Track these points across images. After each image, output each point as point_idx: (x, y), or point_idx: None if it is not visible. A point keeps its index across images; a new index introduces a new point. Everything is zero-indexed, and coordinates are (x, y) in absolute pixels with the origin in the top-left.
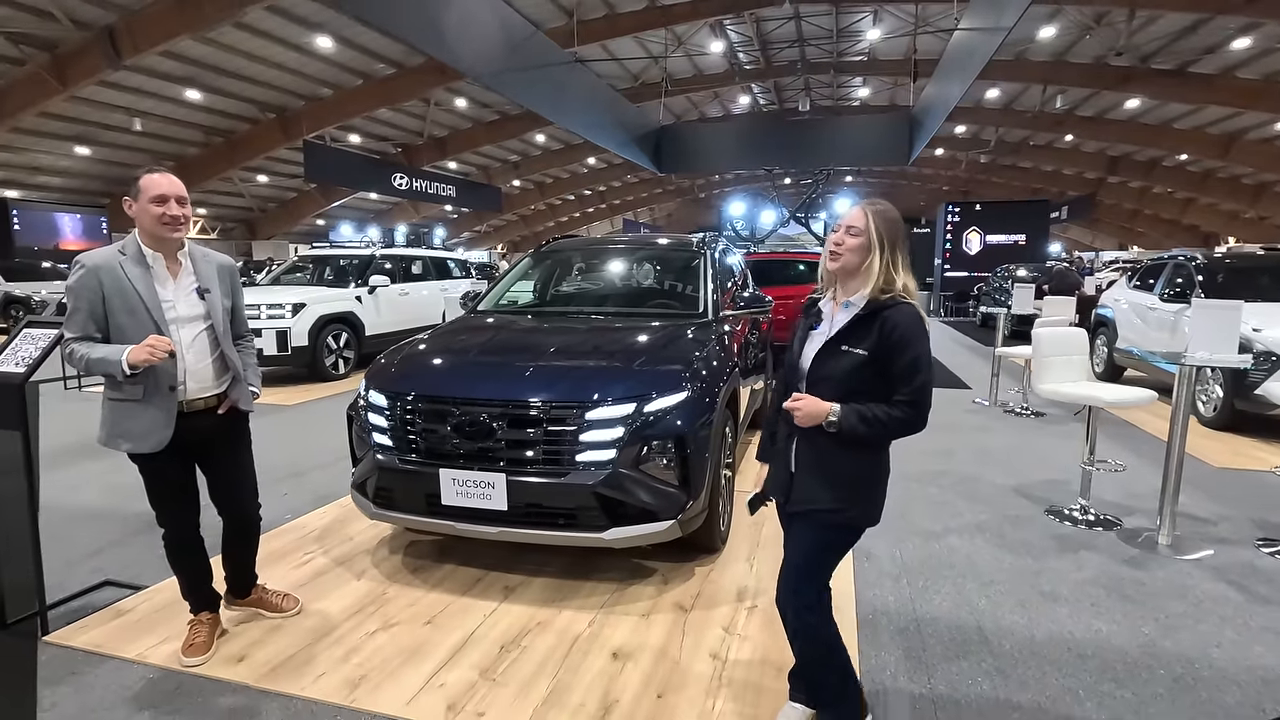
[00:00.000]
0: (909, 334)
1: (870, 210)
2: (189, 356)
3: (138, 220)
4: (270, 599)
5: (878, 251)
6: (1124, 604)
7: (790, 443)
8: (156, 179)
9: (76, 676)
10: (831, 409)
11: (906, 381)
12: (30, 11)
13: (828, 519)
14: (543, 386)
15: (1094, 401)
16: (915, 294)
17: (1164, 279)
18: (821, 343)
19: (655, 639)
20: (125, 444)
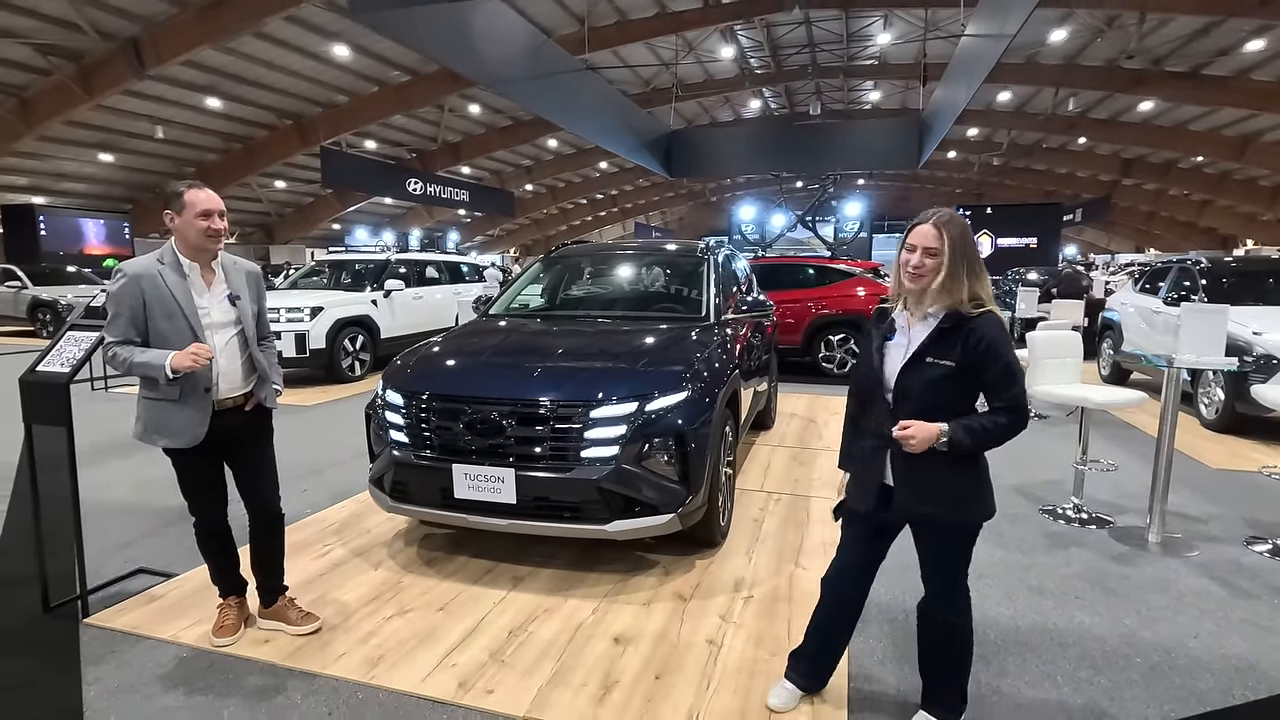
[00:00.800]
0: (998, 343)
1: (944, 227)
2: (221, 360)
3: (180, 233)
4: (292, 614)
5: (956, 268)
6: (1107, 597)
7: (879, 454)
8: (202, 196)
9: (116, 655)
10: (941, 430)
11: (1004, 389)
12: (58, 23)
13: (947, 524)
14: (550, 386)
15: (1084, 403)
16: (993, 301)
17: (1169, 283)
18: (902, 355)
19: (655, 625)
20: (162, 439)
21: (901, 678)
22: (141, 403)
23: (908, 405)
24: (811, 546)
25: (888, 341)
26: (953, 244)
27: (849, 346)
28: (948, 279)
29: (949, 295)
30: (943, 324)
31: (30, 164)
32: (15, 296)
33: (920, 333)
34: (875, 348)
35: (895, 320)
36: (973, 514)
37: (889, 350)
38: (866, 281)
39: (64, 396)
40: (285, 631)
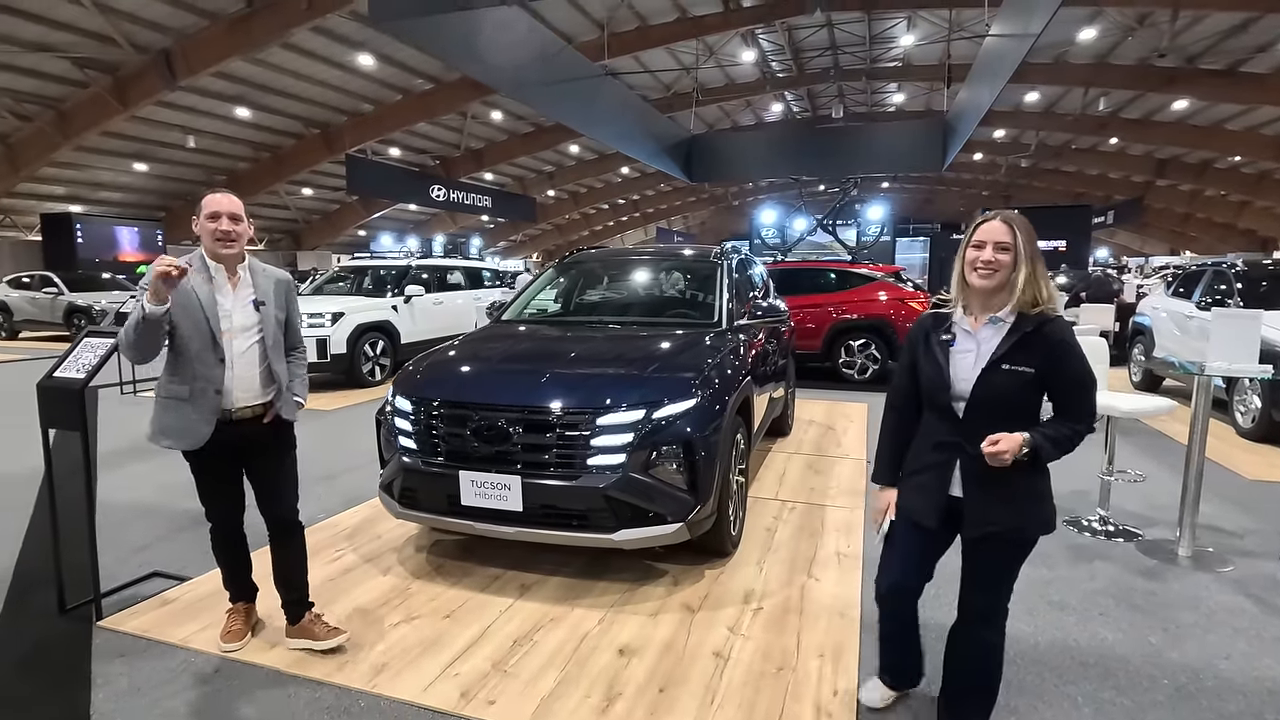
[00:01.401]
0: (1073, 347)
1: (1015, 223)
2: (238, 364)
3: (201, 236)
4: (319, 629)
5: (1028, 265)
6: (1132, 614)
7: (947, 466)
8: (214, 197)
9: (126, 658)
10: (1024, 439)
11: (1080, 395)
12: (95, 37)
13: (1014, 537)
14: (557, 393)
15: (1110, 411)
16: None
17: (1203, 286)
18: (975, 361)
19: (661, 636)
20: (167, 441)
21: (915, 692)
22: (156, 405)
23: (981, 414)
24: (825, 557)
25: (951, 349)
26: (1025, 240)
27: (870, 352)
28: (1029, 275)
29: (1026, 293)
30: (1021, 327)
31: (69, 174)
32: (52, 302)
33: (989, 337)
34: (939, 356)
35: (956, 325)
36: (1040, 525)
37: (955, 357)
38: (888, 286)
39: (79, 402)
40: (313, 648)
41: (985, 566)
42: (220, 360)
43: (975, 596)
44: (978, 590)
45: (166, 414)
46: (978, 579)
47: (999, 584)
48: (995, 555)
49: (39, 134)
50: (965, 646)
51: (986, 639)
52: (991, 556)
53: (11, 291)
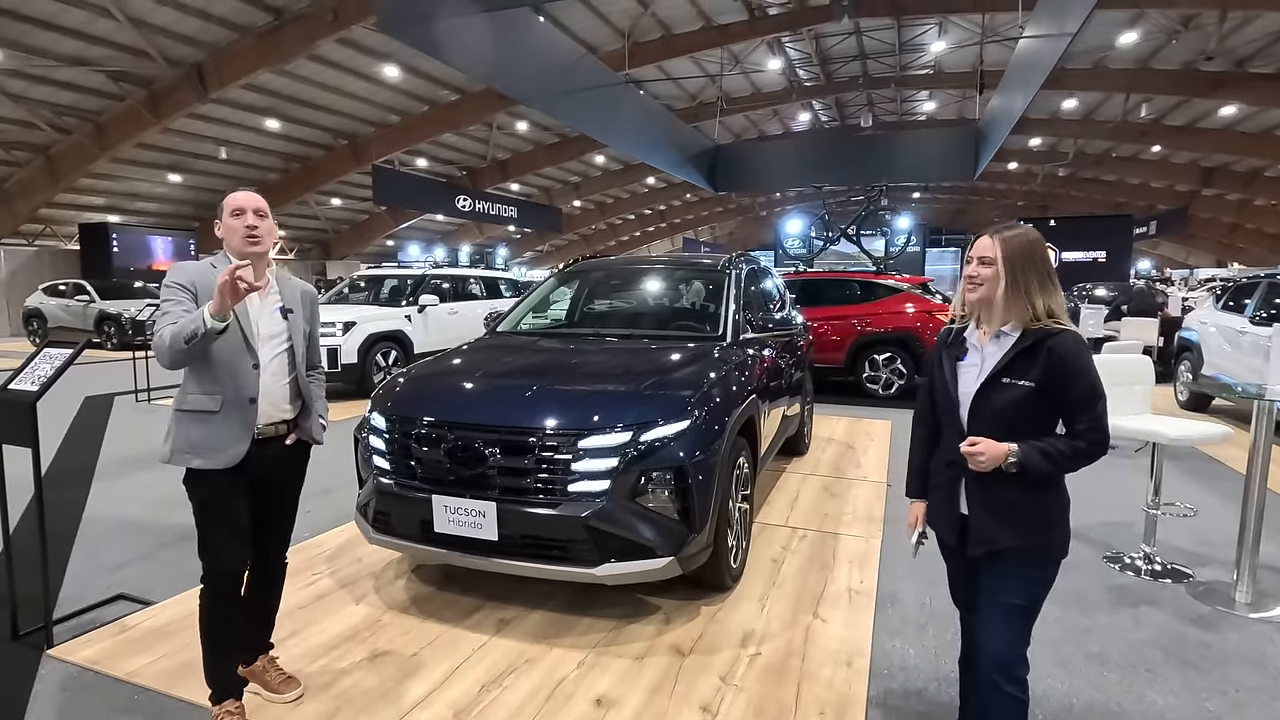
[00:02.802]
0: (1079, 362)
1: (998, 238)
2: (265, 375)
3: (225, 237)
4: (271, 676)
5: (1011, 279)
6: (1185, 671)
7: (956, 481)
8: (236, 195)
9: (67, 693)
10: (1010, 449)
11: (1085, 410)
12: (130, 51)
13: (1021, 557)
14: (538, 412)
15: (1155, 437)
16: (1067, 317)
17: (1257, 299)
18: (977, 375)
19: (644, 686)
20: (196, 459)
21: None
22: (176, 418)
23: (983, 428)
24: (835, 594)
25: (959, 362)
26: (1010, 254)
27: (895, 366)
28: (1008, 289)
29: (1012, 308)
30: (1022, 342)
31: (105, 184)
32: (84, 310)
33: (994, 351)
34: (947, 370)
35: (967, 339)
36: (1045, 545)
37: (961, 371)
38: (915, 298)
39: (30, 416)
40: (260, 695)
41: (994, 593)
42: (255, 366)
43: (988, 636)
44: (991, 626)
45: (193, 428)
46: (990, 612)
47: (1012, 619)
48: (1003, 579)
49: (77, 146)
50: (983, 704)
51: (1006, 694)
52: (999, 581)
53: (46, 299)
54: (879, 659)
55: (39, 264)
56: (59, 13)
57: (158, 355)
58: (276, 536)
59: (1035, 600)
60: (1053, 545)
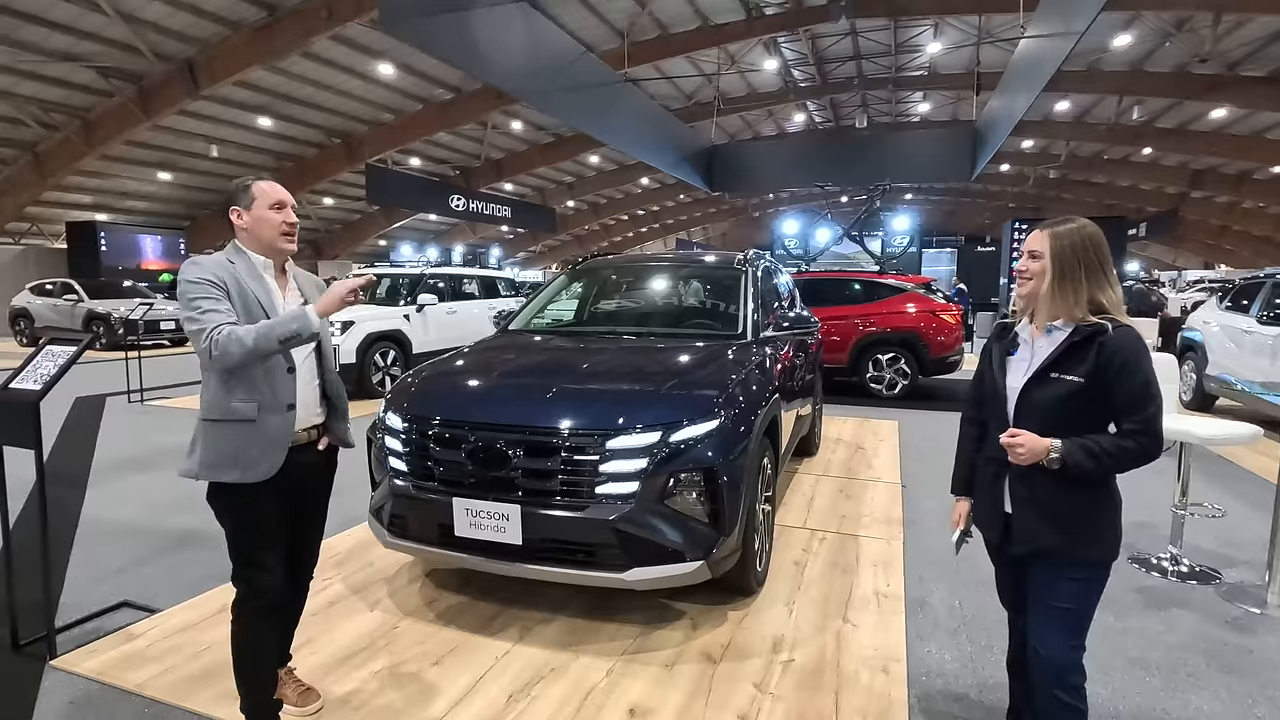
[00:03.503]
0: (1133, 359)
1: (1048, 232)
2: (299, 379)
3: (253, 230)
4: (290, 692)
5: (1061, 273)
6: (1228, 676)
7: (1000, 479)
8: (273, 185)
9: (73, 706)
10: (1052, 445)
11: (1137, 409)
12: (120, 47)
13: (1068, 559)
14: (562, 411)
15: (1186, 437)
16: (1123, 313)
17: (1262, 299)
18: (1026, 370)
19: (677, 695)
20: (233, 473)
21: None
22: (204, 429)
23: (1030, 424)
24: (862, 598)
25: (1009, 357)
26: (1059, 248)
27: (899, 366)
28: (1053, 284)
29: (1060, 302)
30: (1073, 336)
31: (94, 183)
32: (72, 309)
33: (1044, 347)
34: (996, 364)
35: (1019, 334)
36: (1094, 545)
37: (1010, 366)
38: (917, 297)
39: (33, 416)
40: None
41: (1045, 596)
42: (290, 370)
43: (1040, 641)
44: (1043, 630)
45: (227, 440)
46: (1042, 615)
47: (1064, 623)
48: (1052, 582)
49: (65, 143)
50: (1039, 713)
51: (1063, 704)
52: (1049, 583)
53: (34, 298)
54: (915, 665)
55: (25, 263)
56: (48, 7)
57: (223, 354)
58: (309, 547)
59: (1087, 604)
60: (1100, 547)
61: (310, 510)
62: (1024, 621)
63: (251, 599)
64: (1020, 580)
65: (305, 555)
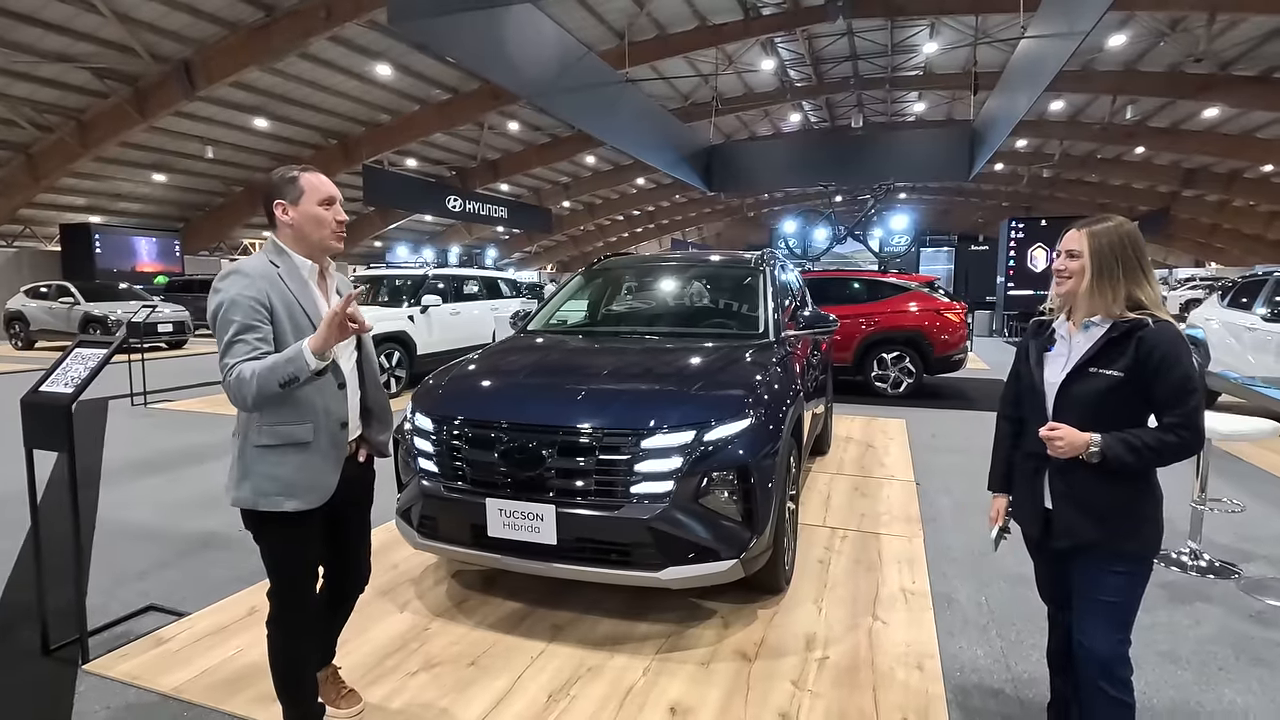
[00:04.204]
0: (1173, 352)
1: (1086, 231)
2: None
3: (300, 227)
4: (331, 690)
5: (1099, 271)
6: (1258, 669)
7: (1039, 474)
8: (322, 178)
9: (110, 712)
10: (1092, 439)
11: (1179, 403)
12: (116, 48)
13: (1109, 552)
14: (595, 411)
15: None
16: (1163, 307)
17: (1264, 296)
18: (1064, 366)
19: (716, 693)
20: (291, 501)
21: None
22: (251, 454)
23: (1069, 419)
24: (889, 595)
25: (1046, 353)
26: (1098, 247)
27: (904, 365)
28: (1092, 282)
29: (1098, 299)
30: (1111, 332)
31: (88, 184)
32: (68, 312)
33: (1082, 342)
34: (1033, 360)
35: (1056, 330)
36: (1135, 539)
37: (1048, 361)
38: (921, 296)
39: (65, 419)
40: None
41: (1089, 590)
42: (341, 385)
43: (1086, 635)
44: (1088, 625)
45: (281, 465)
46: (1087, 610)
47: (1109, 617)
48: (1096, 576)
49: (59, 144)
50: (1087, 708)
51: (1111, 697)
52: (1093, 577)
53: (29, 301)
54: (948, 661)
55: (18, 265)
56: (42, 7)
57: (235, 397)
58: (355, 557)
59: (1132, 597)
60: (1141, 541)
61: (354, 521)
62: (1065, 616)
63: (291, 616)
64: (1061, 575)
65: (353, 566)
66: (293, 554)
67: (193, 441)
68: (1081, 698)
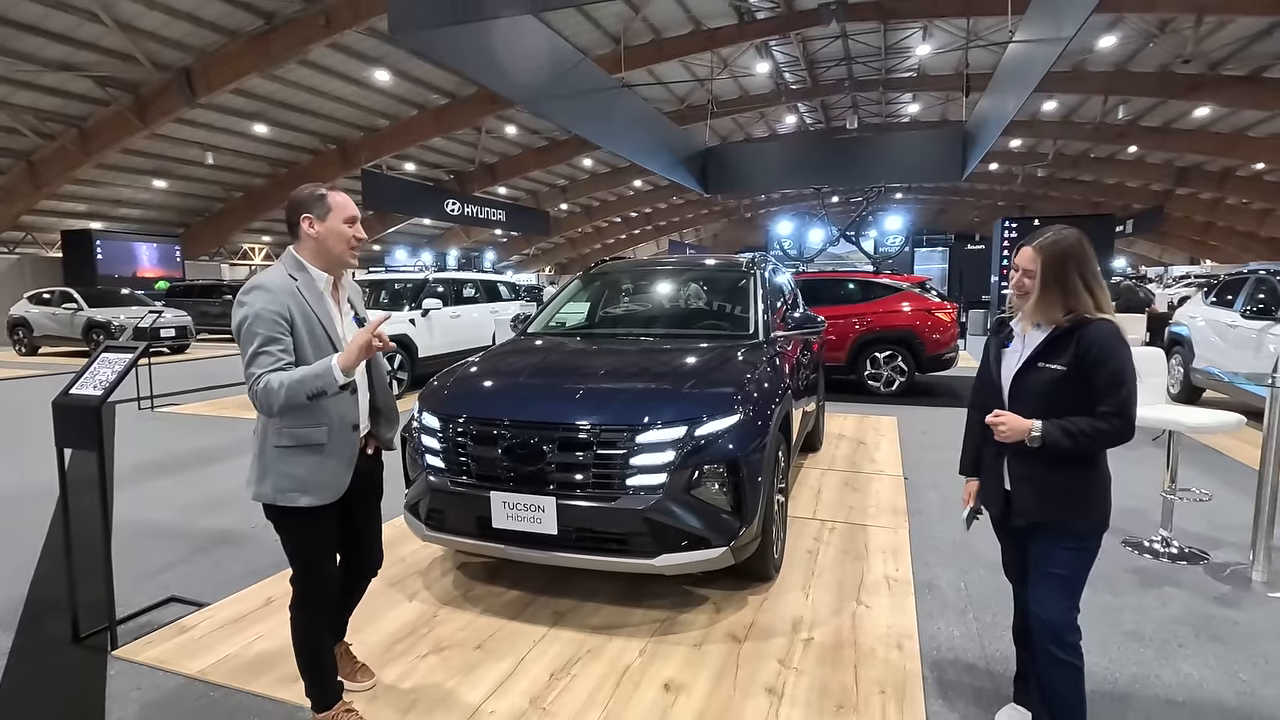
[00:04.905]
0: (1107, 348)
1: (1038, 248)
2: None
3: (322, 241)
4: (347, 666)
5: (1051, 286)
6: (1216, 646)
7: (1000, 459)
8: (346, 198)
9: (142, 692)
10: (1033, 425)
11: (1110, 394)
12: (117, 56)
13: (1060, 529)
14: (593, 409)
15: (1174, 426)
16: (1110, 308)
17: (1245, 294)
18: (1017, 360)
19: (708, 671)
20: (306, 497)
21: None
22: (272, 454)
23: (1022, 409)
24: (874, 582)
25: (1004, 349)
26: (1047, 264)
27: (896, 364)
28: (1039, 297)
29: (1043, 312)
30: (1055, 330)
31: (89, 191)
32: (71, 318)
33: (1034, 339)
34: (993, 356)
35: (1014, 329)
36: (1084, 516)
37: (1005, 357)
38: (913, 296)
39: (96, 420)
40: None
41: (1042, 563)
42: (353, 391)
43: (1039, 604)
44: (1041, 595)
45: (298, 465)
46: (1039, 581)
47: (1060, 587)
48: (1049, 550)
49: (61, 152)
50: (1042, 674)
51: (1061, 660)
52: (1046, 551)
53: (32, 307)
54: (926, 641)
55: (20, 272)
56: (45, 17)
57: (262, 404)
58: (369, 543)
59: (1081, 570)
60: (1089, 519)
61: (367, 509)
62: (1026, 593)
63: (312, 598)
64: (1022, 554)
65: (368, 550)
66: (311, 543)
67: (200, 444)
68: (1037, 665)
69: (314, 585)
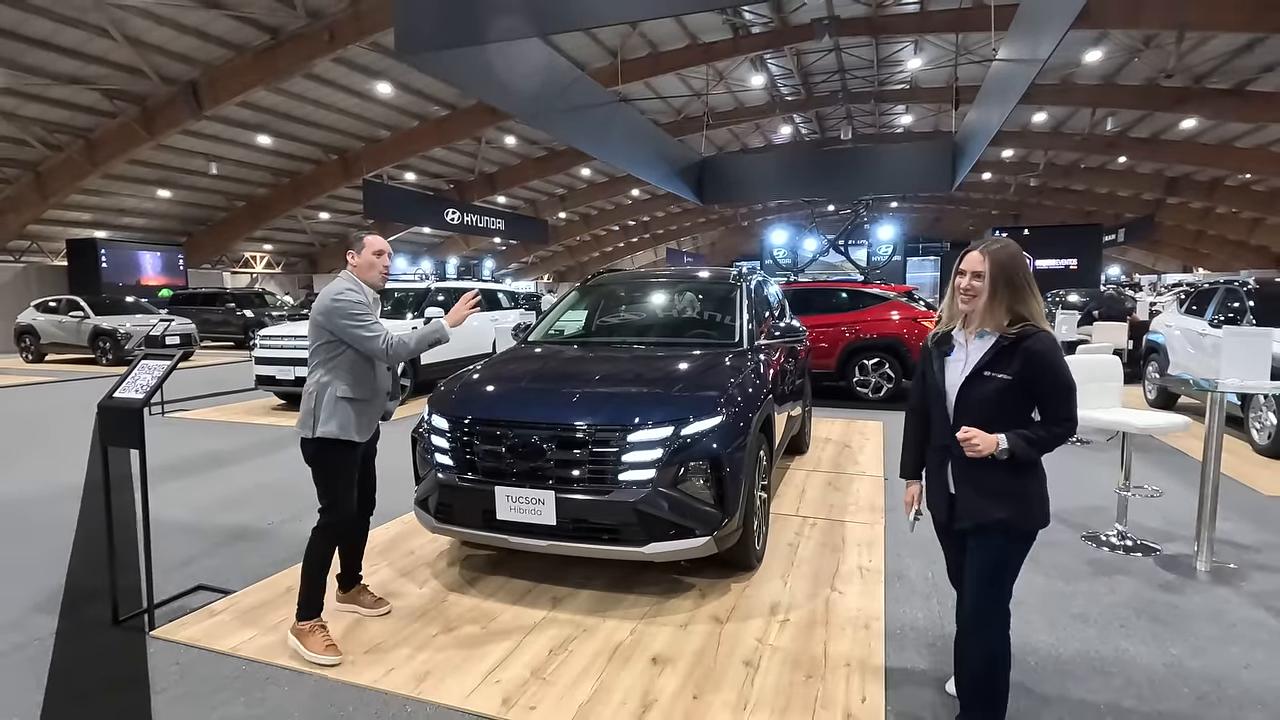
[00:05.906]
0: (1053, 359)
1: (987, 253)
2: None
3: (361, 269)
4: (365, 599)
5: (1000, 290)
6: (1154, 625)
7: (945, 464)
8: (377, 238)
9: (181, 667)
10: (999, 440)
11: (1063, 401)
12: (125, 70)
13: (1001, 529)
14: (588, 411)
15: (1125, 427)
16: (1044, 318)
17: (1215, 304)
18: (962, 370)
19: (692, 647)
20: (355, 434)
21: (940, 700)
22: (337, 404)
23: (967, 417)
24: (848, 571)
25: (947, 358)
26: (995, 269)
27: (884, 371)
28: (988, 301)
29: (990, 316)
30: (1002, 340)
31: (94, 200)
32: (78, 325)
33: (977, 349)
34: (935, 366)
35: (954, 338)
36: (1027, 517)
37: (948, 365)
38: (900, 305)
39: (138, 421)
40: (359, 613)
41: (977, 561)
42: (388, 370)
43: (970, 597)
44: (972, 588)
45: (349, 414)
46: (972, 575)
47: (991, 583)
48: (986, 549)
49: (68, 163)
50: (967, 656)
51: (985, 645)
52: (983, 551)
53: (39, 315)
54: (891, 623)
55: (26, 280)
56: (56, 32)
57: (393, 354)
58: (369, 486)
59: (1017, 564)
60: (1032, 517)
61: (370, 461)
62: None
63: (334, 524)
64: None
65: (368, 493)
66: (344, 473)
67: (211, 448)
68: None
69: (338, 510)
